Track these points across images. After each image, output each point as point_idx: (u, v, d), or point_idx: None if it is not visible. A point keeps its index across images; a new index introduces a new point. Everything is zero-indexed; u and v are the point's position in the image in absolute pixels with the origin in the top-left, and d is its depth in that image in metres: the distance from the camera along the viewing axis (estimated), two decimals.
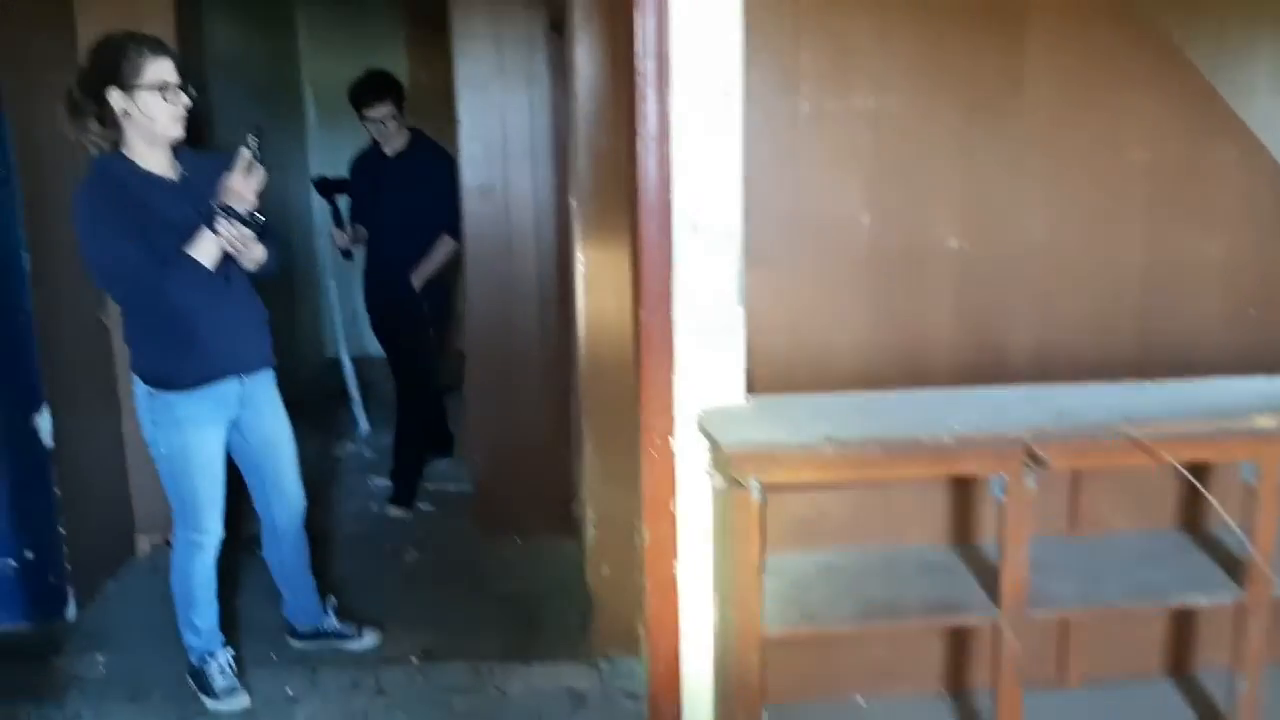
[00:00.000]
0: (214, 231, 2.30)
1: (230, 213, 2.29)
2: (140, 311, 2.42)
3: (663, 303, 2.01)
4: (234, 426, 2.56)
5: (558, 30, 3.26)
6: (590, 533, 2.85)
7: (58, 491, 2.96)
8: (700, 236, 1.99)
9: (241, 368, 2.51)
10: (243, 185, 2.28)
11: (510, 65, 3.44)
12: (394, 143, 3.87)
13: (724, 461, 1.87)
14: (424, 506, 4.04)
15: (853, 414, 2.00)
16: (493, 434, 3.64)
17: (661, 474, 2.07)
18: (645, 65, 1.95)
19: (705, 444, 2.00)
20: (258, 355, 2.57)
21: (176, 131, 2.34)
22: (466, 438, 3.98)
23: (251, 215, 2.31)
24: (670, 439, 2.05)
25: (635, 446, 2.17)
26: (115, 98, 2.28)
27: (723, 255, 2.00)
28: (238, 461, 2.65)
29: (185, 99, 2.33)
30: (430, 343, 4.06)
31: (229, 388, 2.50)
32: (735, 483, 1.83)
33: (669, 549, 2.10)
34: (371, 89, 3.80)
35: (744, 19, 1.94)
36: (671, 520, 2.08)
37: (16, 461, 2.91)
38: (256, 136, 2.31)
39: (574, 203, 2.80)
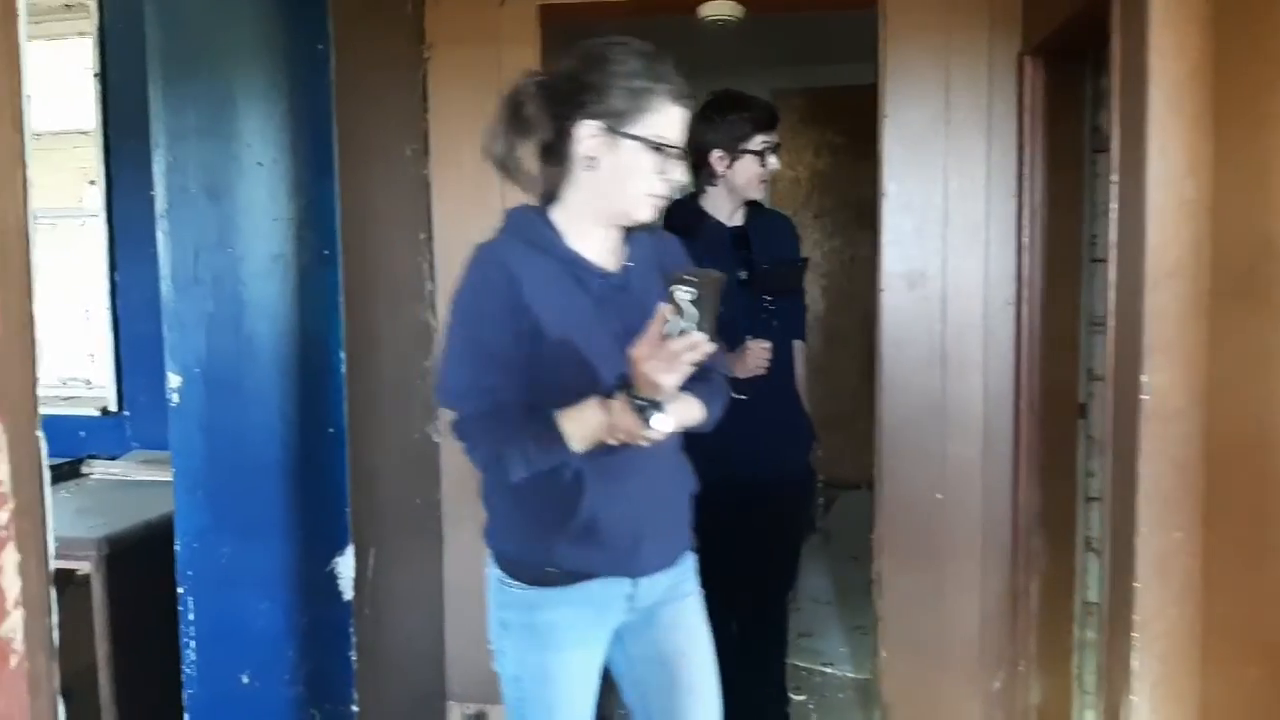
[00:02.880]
0: (603, 409, 1.43)
1: (630, 394, 1.40)
2: (501, 468, 1.53)
3: None
4: (618, 637, 1.67)
5: (1039, 56, 2.26)
6: None
7: (354, 656, 2.27)
8: None
9: (646, 565, 1.60)
10: (660, 360, 1.34)
11: (960, 111, 2.47)
12: (729, 201, 2.52)
13: None
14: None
15: None
16: (917, 639, 2.57)
17: None
18: None
19: None
20: (673, 544, 1.66)
21: (649, 213, 1.53)
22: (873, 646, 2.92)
23: (656, 404, 1.40)
24: None
25: None
26: (588, 134, 1.48)
27: None
28: (619, 685, 1.75)
29: (679, 174, 1.51)
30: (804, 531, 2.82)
31: (618, 587, 1.60)
32: None
33: None
34: (767, 112, 2.46)
35: None
36: None
37: (307, 616, 2.26)
38: (692, 285, 1.31)
39: (1114, 301, 1.72)
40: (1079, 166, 2.39)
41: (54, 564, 0.95)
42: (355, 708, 2.28)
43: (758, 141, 2.41)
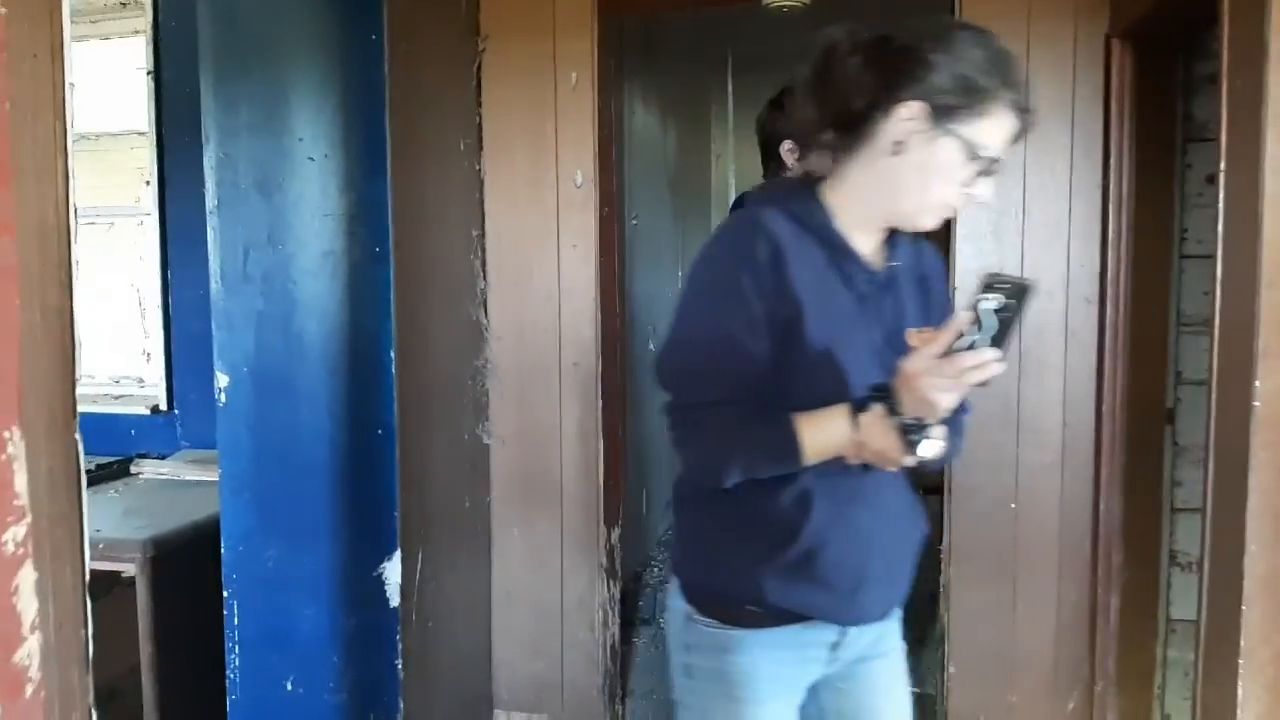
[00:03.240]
0: (853, 423, 1.23)
1: (893, 409, 1.21)
2: (713, 469, 1.29)
3: None
4: (813, 692, 1.44)
5: (1127, 39, 2.12)
6: None
7: (400, 664, 2.21)
8: None
9: (864, 613, 1.37)
10: (944, 378, 1.15)
11: (1041, 98, 2.31)
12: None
13: None
14: None
15: None
16: (988, 655, 2.43)
17: None
18: None
19: None
20: (895, 592, 1.42)
21: (933, 223, 1.30)
22: None
23: (924, 426, 1.21)
24: None
25: None
26: (908, 116, 1.22)
27: None
28: None
29: (984, 192, 1.27)
30: None
31: (824, 634, 1.38)
32: None
33: None
34: None
35: None
36: None
37: (353, 621, 2.20)
38: (1003, 292, 1.17)
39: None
40: (1170, 156, 2.24)
41: (92, 567, 0.89)
42: (401, 716, 2.22)
43: None
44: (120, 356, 3.32)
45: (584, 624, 2.70)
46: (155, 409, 3.19)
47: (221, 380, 2.20)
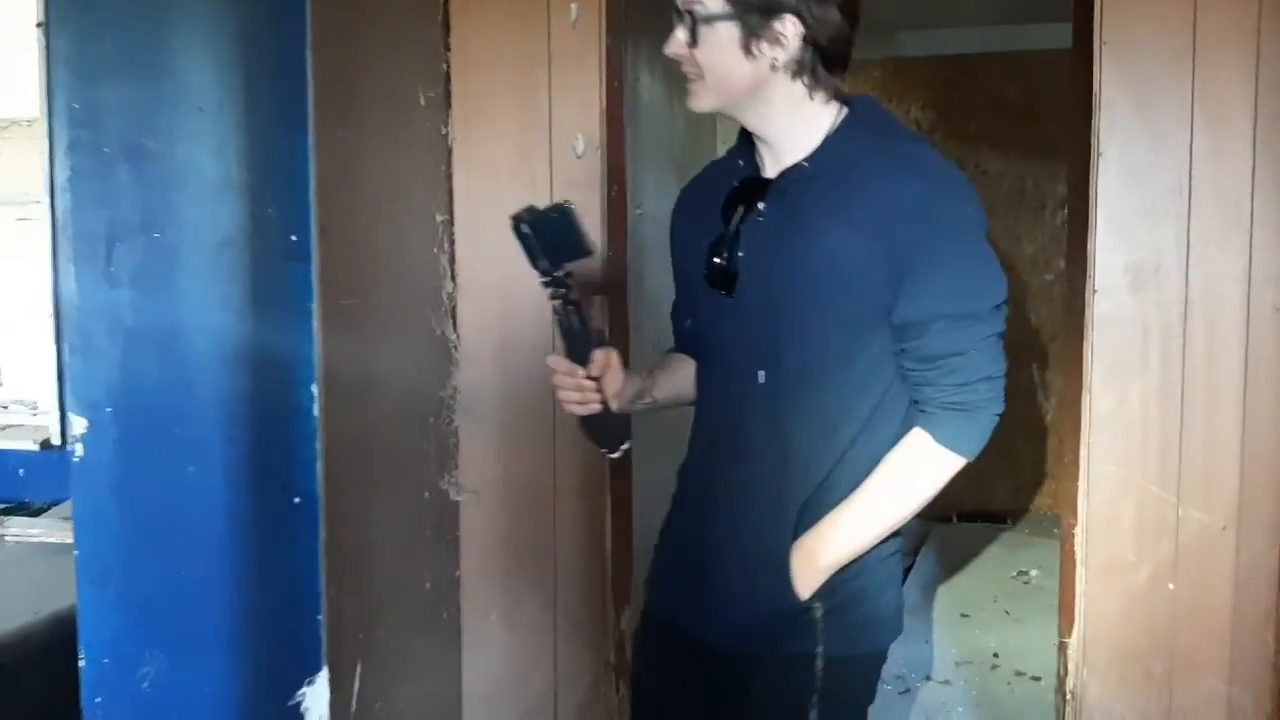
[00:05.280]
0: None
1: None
2: None
3: None
4: None
5: None
6: None
7: None
8: None
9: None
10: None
11: (1214, 37, 1.72)
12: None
13: None
14: None
15: None
16: None
17: None
18: None
19: None
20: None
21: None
22: None
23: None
24: None
25: None
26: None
27: None
28: None
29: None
30: None
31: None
32: None
33: None
34: None
35: None
36: None
37: None
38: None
39: None
40: None
41: None
42: None
43: None
44: (16, 375, 2.72)
45: None
46: (46, 443, 2.56)
47: (77, 426, 1.56)
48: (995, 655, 3.02)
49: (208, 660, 1.55)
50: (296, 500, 1.51)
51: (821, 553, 1.20)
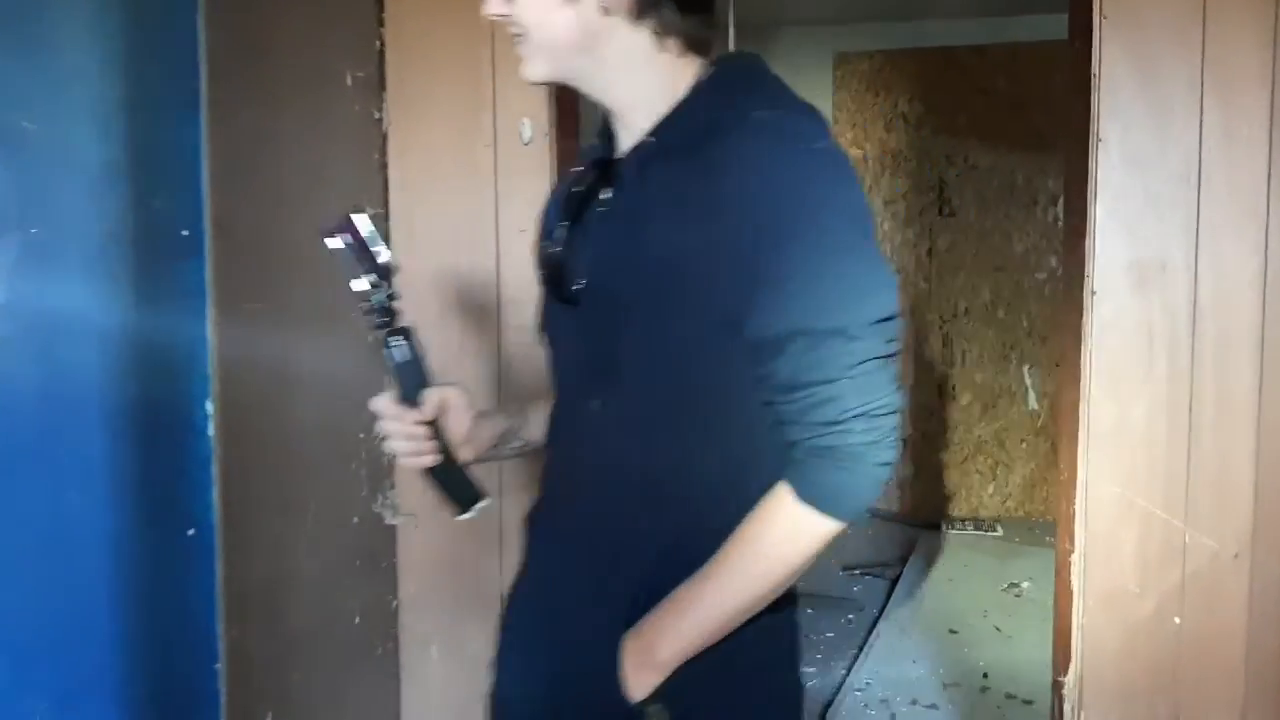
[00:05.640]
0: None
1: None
2: None
3: None
4: None
5: None
6: None
7: None
8: None
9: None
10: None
11: (1226, 9, 1.55)
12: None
13: None
14: None
15: None
16: None
17: None
18: None
19: None
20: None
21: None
22: None
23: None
24: None
25: None
26: None
27: None
28: None
29: None
30: None
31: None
32: None
33: None
34: None
35: None
36: None
37: None
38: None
39: None
40: None
41: None
42: None
43: None
44: None
45: None
46: None
47: None
48: (985, 676, 2.85)
49: (95, 710, 1.36)
50: (190, 532, 1.33)
51: (660, 644, 0.93)
